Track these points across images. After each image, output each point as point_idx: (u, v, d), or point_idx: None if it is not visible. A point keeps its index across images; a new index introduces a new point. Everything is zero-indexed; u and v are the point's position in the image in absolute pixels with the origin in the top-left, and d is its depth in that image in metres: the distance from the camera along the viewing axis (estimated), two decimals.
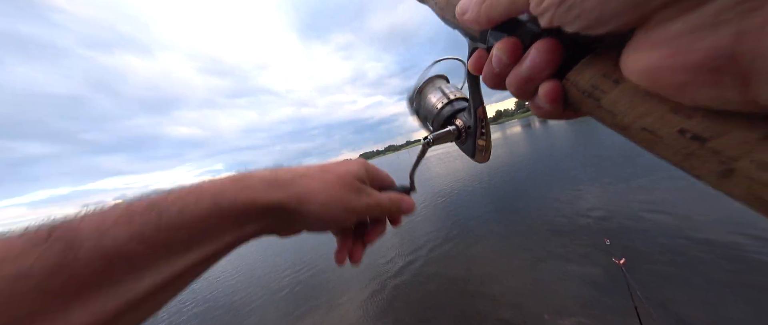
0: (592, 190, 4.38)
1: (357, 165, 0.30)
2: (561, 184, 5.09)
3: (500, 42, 0.17)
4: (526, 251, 3.10)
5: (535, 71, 0.15)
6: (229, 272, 6.35)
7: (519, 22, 0.17)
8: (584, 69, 0.14)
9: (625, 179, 4.41)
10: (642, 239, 2.77)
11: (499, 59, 0.17)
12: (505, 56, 0.17)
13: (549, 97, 0.15)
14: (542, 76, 0.16)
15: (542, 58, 0.15)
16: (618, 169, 4.96)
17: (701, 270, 2.07)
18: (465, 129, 0.31)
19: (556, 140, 11.81)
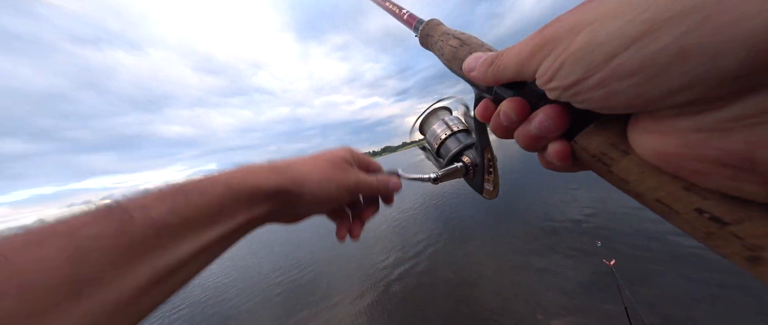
0: (583, 192, 4.48)
1: (343, 150, 0.33)
2: (552, 186, 5.19)
3: (508, 100, 0.19)
4: (519, 252, 3.14)
5: (543, 132, 0.17)
6: (221, 272, 6.24)
7: (525, 83, 0.18)
8: (592, 135, 0.15)
9: None
10: (632, 241, 2.85)
11: (507, 116, 0.19)
12: (513, 114, 0.18)
13: (559, 157, 0.17)
14: (551, 137, 0.17)
15: (551, 123, 0.16)
16: None
17: (689, 271, 2.14)
18: (473, 166, 0.32)
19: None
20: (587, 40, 0.12)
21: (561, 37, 0.14)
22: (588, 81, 0.13)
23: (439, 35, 0.29)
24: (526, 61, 0.16)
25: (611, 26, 0.12)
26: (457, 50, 0.25)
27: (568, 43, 0.13)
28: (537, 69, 0.15)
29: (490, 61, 0.19)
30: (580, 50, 0.13)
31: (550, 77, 0.14)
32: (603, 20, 0.12)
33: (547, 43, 0.14)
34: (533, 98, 0.17)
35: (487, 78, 0.19)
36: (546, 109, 0.16)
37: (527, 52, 0.15)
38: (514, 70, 0.17)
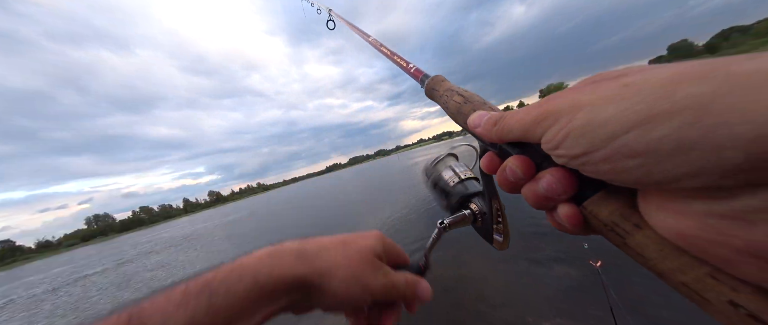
0: None
1: (375, 240, 0.30)
2: None
3: (515, 158, 0.20)
4: (508, 255, 3.18)
5: (551, 193, 0.17)
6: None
7: (528, 144, 0.19)
8: (601, 203, 0.16)
9: None
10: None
11: (513, 172, 0.19)
12: (520, 171, 0.19)
13: (570, 221, 0.17)
14: (559, 199, 0.18)
15: (559, 186, 0.17)
16: None
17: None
18: (481, 215, 0.32)
19: None
20: (588, 119, 0.14)
21: (562, 111, 0.15)
22: (594, 154, 0.14)
23: (444, 90, 0.32)
24: (531, 127, 0.17)
25: (609, 110, 0.13)
26: (461, 106, 0.28)
27: (570, 118, 0.15)
28: (542, 135, 0.16)
29: (494, 121, 0.21)
30: (582, 126, 0.14)
31: (557, 145, 0.16)
32: (600, 103, 0.14)
33: (549, 115, 0.16)
34: (538, 158, 0.19)
35: (492, 136, 0.21)
36: (553, 171, 0.17)
37: (531, 119, 0.17)
38: (518, 132, 0.18)
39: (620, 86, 0.13)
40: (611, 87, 0.14)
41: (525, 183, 0.19)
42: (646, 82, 0.12)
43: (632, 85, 0.13)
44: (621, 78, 0.14)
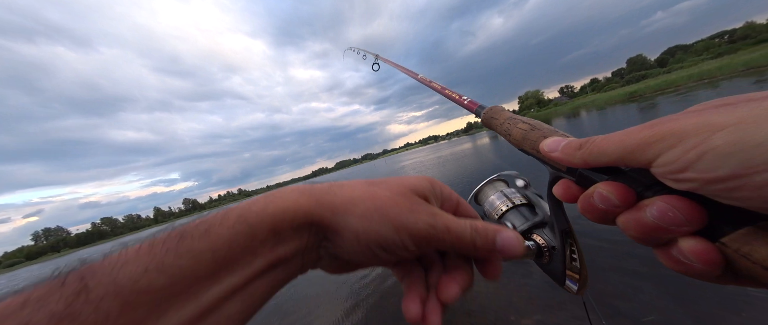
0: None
1: (421, 180, 0.22)
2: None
3: (607, 184, 0.17)
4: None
5: (667, 223, 0.14)
6: None
7: (620, 169, 0.17)
8: (753, 240, 0.13)
9: None
10: (595, 240, 3.15)
11: (605, 199, 0.17)
12: (615, 199, 0.17)
13: (703, 259, 0.14)
14: (679, 230, 0.14)
15: (679, 215, 0.14)
16: None
17: (649, 270, 2.40)
18: (549, 249, 0.28)
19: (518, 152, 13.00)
20: (735, 138, 0.12)
21: (687, 132, 0.13)
22: (753, 178, 0.11)
23: (505, 119, 0.33)
24: (637, 149, 0.15)
25: (763, 131, 0.11)
26: (527, 133, 0.28)
27: (702, 138, 0.13)
28: (654, 158, 0.14)
29: (578, 144, 0.19)
30: (725, 146, 0.12)
31: (684, 167, 0.13)
32: (748, 123, 0.12)
33: (667, 135, 0.14)
34: (638, 186, 0.16)
35: (575, 160, 0.19)
36: (668, 198, 0.15)
37: (637, 141, 0.15)
38: (615, 155, 0.16)
39: (765, 108, 0.12)
40: (756, 108, 0.12)
41: (621, 212, 0.17)
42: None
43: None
44: (761, 101, 0.13)
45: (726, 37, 72.99)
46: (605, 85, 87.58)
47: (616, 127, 1.12)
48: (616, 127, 1.12)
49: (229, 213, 0.17)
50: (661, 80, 36.62)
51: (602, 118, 16.37)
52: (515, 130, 0.30)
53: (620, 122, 11.43)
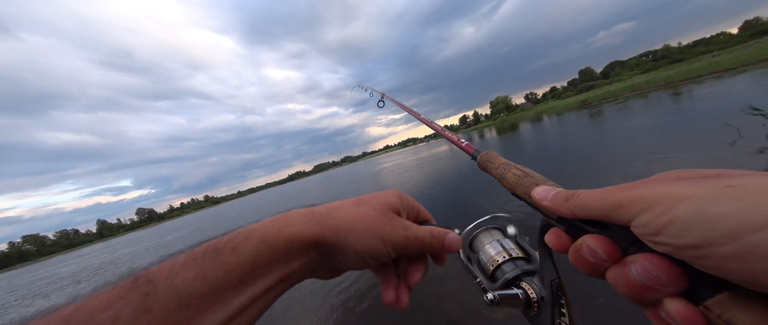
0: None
1: (391, 195, 0.29)
2: (502, 191, 5.95)
3: (594, 237, 0.18)
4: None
5: (651, 282, 0.15)
6: None
7: (607, 224, 0.18)
8: (732, 306, 0.13)
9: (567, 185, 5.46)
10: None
11: (593, 252, 0.18)
12: (602, 253, 0.17)
13: (689, 322, 0.14)
14: (664, 291, 0.15)
15: (659, 274, 0.15)
16: (563, 177, 6.13)
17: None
18: (538, 300, 0.27)
19: (497, 150, 13.87)
20: (695, 211, 0.13)
21: (655, 200, 0.14)
22: (718, 249, 0.12)
23: (500, 164, 0.35)
24: (616, 208, 0.16)
25: (721, 206, 0.12)
26: (520, 179, 0.29)
27: (668, 206, 0.14)
28: (632, 218, 0.15)
29: (565, 196, 0.20)
30: (688, 216, 0.13)
31: (657, 231, 0.14)
32: (705, 198, 0.13)
33: (639, 200, 0.15)
34: (623, 241, 0.17)
35: (563, 210, 0.20)
36: (649, 257, 0.16)
37: (614, 200, 0.16)
38: (598, 211, 0.17)
39: (724, 187, 0.13)
40: (713, 186, 0.13)
41: (609, 266, 0.18)
42: (753, 186, 0.12)
43: (738, 187, 0.13)
44: (720, 178, 0.14)
45: (650, 56, 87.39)
46: (562, 93, 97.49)
47: (573, 132, 1.25)
48: (573, 132, 1.25)
49: (252, 234, 0.21)
50: (605, 90, 41.99)
51: (561, 122, 18.33)
52: (509, 175, 0.31)
53: (575, 127, 12.63)
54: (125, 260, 14.78)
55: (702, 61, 33.50)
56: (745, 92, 9.15)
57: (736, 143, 4.35)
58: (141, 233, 75.68)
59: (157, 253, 13.44)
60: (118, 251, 23.92)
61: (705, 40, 78.06)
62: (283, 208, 0.27)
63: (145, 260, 12.62)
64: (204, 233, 16.57)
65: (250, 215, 18.90)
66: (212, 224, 21.60)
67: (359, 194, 0.31)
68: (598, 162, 5.72)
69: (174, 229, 34.53)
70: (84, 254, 45.74)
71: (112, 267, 12.94)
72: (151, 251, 15.36)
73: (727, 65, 22.79)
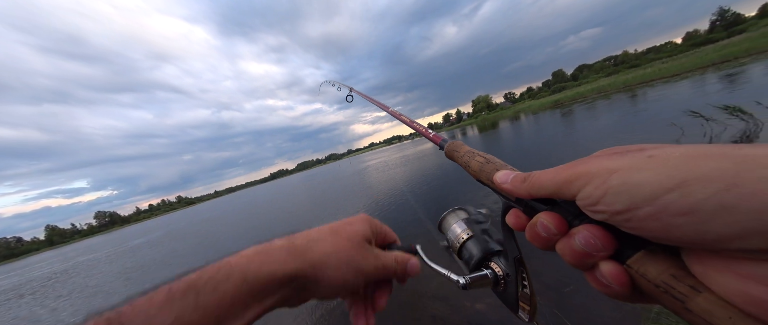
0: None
1: (363, 224, 0.30)
2: (481, 189, 6.20)
3: (546, 214, 0.21)
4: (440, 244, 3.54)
5: (590, 249, 0.18)
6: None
7: (556, 201, 0.20)
8: (647, 262, 0.16)
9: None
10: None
11: (546, 227, 0.20)
12: (553, 227, 0.20)
13: (616, 280, 0.17)
14: (598, 256, 0.18)
15: (597, 241, 0.17)
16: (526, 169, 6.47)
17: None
18: (504, 277, 0.30)
19: (475, 147, 14.39)
20: (623, 179, 0.15)
21: (594, 173, 0.17)
22: (639, 211, 0.14)
23: (465, 153, 0.37)
24: (564, 185, 0.19)
25: (643, 174, 0.15)
26: (483, 165, 0.31)
27: (604, 178, 0.16)
28: (577, 192, 0.18)
29: (522, 178, 0.23)
30: (618, 186, 0.15)
31: (596, 201, 0.17)
32: (631, 168, 0.15)
33: (582, 175, 0.18)
34: (569, 215, 0.19)
35: (521, 192, 0.23)
36: (588, 227, 0.18)
37: (563, 178, 0.19)
38: (550, 189, 0.20)
39: (646, 157, 0.15)
40: (638, 157, 0.16)
41: (558, 239, 0.20)
42: (670, 155, 0.14)
43: (657, 157, 0.15)
44: (643, 151, 0.16)
45: (612, 61, 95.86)
46: (538, 93, 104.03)
47: (546, 129, 1.32)
48: (546, 129, 1.32)
49: (232, 271, 0.21)
50: (575, 92, 45.74)
51: (536, 120, 19.49)
52: (473, 163, 0.33)
53: (548, 125, 13.51)
54: (81, 268, 13.26)
55: (653, 67, 37.14)
56: (687, 96, 10.36)
57: (680, 141, 4.92)
58: (101, 239, 67.57)
59: (121, 259, 12.25)
60: (74, 259, 21.39)
61: (656, 48, 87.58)
62: (263, 211, 0.26)
63: (107, 267, 11.45)
64: (176, 236, 15.41)
65: (227, 217, 17.92)
66: (185, 227, 20.13)
67: (345, 191, 0.31)
68: (564, 159, 6.18)
69: (142, 233, 31.65)
70: (29, 264, 40.23)
71: (65, 277, 11.57)
72: (113, 257, 13.95)
73: (673, 71, 25.57)
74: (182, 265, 7.68)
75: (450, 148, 0.41)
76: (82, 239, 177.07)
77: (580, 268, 0.19)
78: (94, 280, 8.79)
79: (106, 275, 9.08)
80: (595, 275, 0.18)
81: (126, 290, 6.26)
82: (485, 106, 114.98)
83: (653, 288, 0.15)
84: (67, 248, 74.23)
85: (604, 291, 0.18)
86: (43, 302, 7.58)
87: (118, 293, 6.26)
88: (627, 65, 76.23)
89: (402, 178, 10.97)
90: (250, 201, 28.10)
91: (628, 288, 0.17)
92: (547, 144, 8.72)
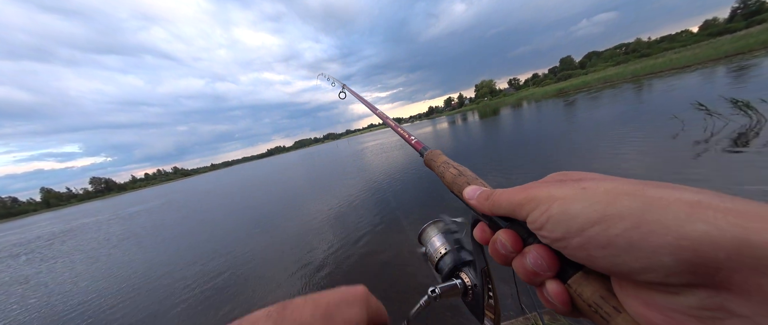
0: (497, 177, 5.63)
1: (361, 310, 0.22)
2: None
3: (503, 231, 0.22)
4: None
5: (537, 268, 0.19)
6: (87, 273, 4.59)
7: (515, 220, 0.22)
8: (582, 282, 0.18)
9: (523, 171, 5.78)
10: None
11: (503, 245, 0.22)
12: (509, 245, 0.21)
13: (559, 299, 0.19)
14: (545, 275, 0.19)
15: (543, 262, 0.19)
16: (516, 161, 6.47)
17: None
18: (472, 287, 0.31)
19: (473, 134, 14.34)
20: (562, 209, 0.17)
21: (541, 199, 0.18)
22: (572, 240, 0.16)
23: (441, 162, 0.36)
24: (517, 207, 0.20)
25: (576, 206, 0.16)
26: (456, 178, 0.31)
27: (548, 206, 0.18)
28: (527, 215, 0.19)
29: (486, 196, 0.24)
30: (558, 214, 0.17)
31: (541, 226, 0.18)
32: (568, 199, 0.17)
33: (531, 200, 0.19)
34: (524, 234, 0.21)
35: (484, 209, 0.24)
36: (537, 247, 0.20)
37: (517, 200, 0.20)
38: (507, 209, 0.21)
39: (580, 188, 0.17)
40: (574, 188, 0.17)
41: (514, 256, 0.21)
42: (597, 189, 0.16)
43: (588, 189, 0.17)
44: (580, 182, 0.18)
45: (623, 49, 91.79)
46: (543, 80, 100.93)
47: (546, 119, 1.32)
48: (546, 119, 1.32)
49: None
50: (581, 80, 44.03)
51: (538, 109, 19.19)
52: (447, 174, 0.33)
53: (550, 115, 13.38)
54: (87, 229, 13.73)
55: (664, 58, 35.71)
56: (695, 89, 10.09)
57: (678, 136, 4.87)
58: (98, 204, 68.05)
59: (123, 224, 12.57)
60: (76, 220, 21.83)
61: (670, 37, 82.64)
62: (264, 186, 0.21)
63: (113, 228, 11.75)
64: (174, 205, 15.69)
65: (225, 189, 18.06)
66: (183, 198, 20.34)
67: (344, 167, 0.25)
68: (556, 152, 6.22)
69: (138, 200, 31.91)
70: (29, 223, 40.71)
71: (71, 236, 11.98)
72: (113, 222, 14.28)
73: (684, 62, 24.56)
74: (182, 236, 7.78)
75: (428, 157, 0.41)
76: (79, 203, 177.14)
77: (532, 284, 0.21)
78: (98, 240, 9.15)
79: (112, 236, 9.35)
80: (542, 291, 0.20)
81: (133, 250, 6.58)
82: (488, 92, 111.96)
83: (586, 307, 0.17)
84: (64, 211, 73.29)
85: (550, 307, 0.19)
86: (60, 259, 7.87)
87: (133, 251, 6.49)
88: (638, 54, 73.33)
89: (398, 164, 10.97)
90: (249, 175, 28.11)
91: (569, 306, 0.18)
92: (542, 135, 8.61)
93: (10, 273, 7.24)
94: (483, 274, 0.29)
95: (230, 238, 5.68)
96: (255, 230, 5.84)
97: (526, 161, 5.98)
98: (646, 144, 4.89)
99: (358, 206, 5.70)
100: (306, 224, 5.34)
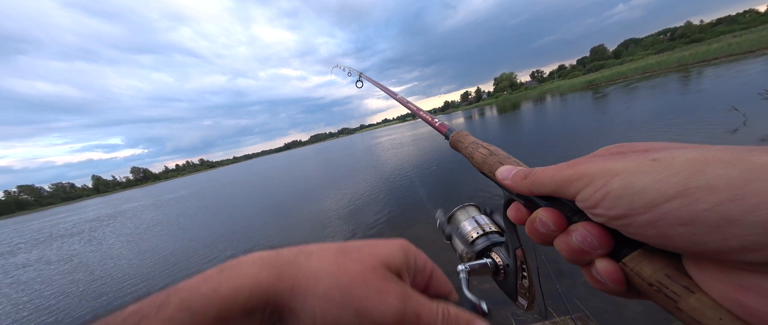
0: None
1: (395, 249, 0.20)
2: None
3: (545, 210, 0.21)
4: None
5: (586, 247, 0.18)
6: (133, 256, 5.15)
7: (557, 198, 0.20)
8: (643, 261, 0.16)
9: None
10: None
11: (544, 224, 0.20)
12: (552, 224, 0.20)
13: (611, 277, 0.17)
14: (595, 253, 0.18)
15: (594, 240, 0.17)
16: (538, 156, 6.20)
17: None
18: (504, 267, 0.30)
19: (490, 129, 13.85)
20: (624, 184, 0.15)
21: (595, 175, 0.17)
22: (638, 217, 0.14)
23: (469, 143, 0.35)
24: (564, 185, 0.18)
25: (644, 179, 0.14)
26: (486, 157, 0.30)
27: (604, 181, 0.16)
28: (576, 193, 0.18)
29: (524, 174, 0.23)
30: (619, 189, 0.15)
31: (594, 204, 0.17)
32: (633, 172, 0.15)
33: (582, 176, 0.17)
34: (569, 212, 0.20)
35: (522, 188, 0.22)
36: (586, 225, 0.18)
37: (564, 177, 0.19)
38: (551, 187, 0.20)
39: (650, 160, 0.15)
40: (641, 159, 0.15)
41: (557, 235, 0.20)
42: (675, 159, 0.14)
43: (662, 160, 0.14)
44: (648, 152, 0.16)
45: (668, 35, 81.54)
46: (570, 72, 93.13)
47: (572, 115, 1.22)
48: (572, 115, 1.22)
49: (172, 297, 0.14)
50: (614, 71, 40.10)
51: (563, 104, 17.86)
52: (477, 154, 0.32)
53: (576, 110, 12.37)
54: (135, 212, 15.26)
55: (721, 42, 31.42)
56: (759, 77, 8.63)
57: (739, 130, 4.16)
58: (138, 191, 74.67)
59: (162, 209, 13.82)
60: (122, 205, 24.41)
61: (729, 18, 71.77)
62: (282, 178, 0.19)
63: (151, 214, 13.11)
64: (202, 194, 16.94)
65: (246, 180, 19.02)
66: (209, 188, 21.91)
67: (356, 165, 0.22)
68: (586, 146, 5.76)
69: (171, 189, 34.72)
70: (84, 206, 45.98)
71: (123, 218, 13.46)
72: (152, 208, 15.78)
73: (746, 47, 21.25)
74: (213, 217, 8.41)
75: (455, 139, 0.40)
76: (123, 190, 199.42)
77: (576, 263, 0.19)
78: (149, 220, 10.24)
79: (158, 221, 10.39)
80: (590, 271, 0.18)
81: (173, 231, 7.25)
82: (508, 86, 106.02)
83: (647, 287, 0.16)
84: (111, 197, 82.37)
85: (599, 287, 0.18)
86: (110, 236, 9.00)
87: (175, 233, 7.21)
88: (686, 40, 64.82)
89: (412, 157, 10.84)
90: (266, 169, 29.49)
91: (623, 286, 0.17)
92: (567, 131, 8.01)
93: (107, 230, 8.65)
94: (516, 254, 0.29)
95: (265, 222, 6.03)
96: (290, 213, 6.13)
97: (549, 157, 5.62)
98: (698, 139, 4.27)
99: (377, 195, 5.74)
100: (338, 209, 5.46)
